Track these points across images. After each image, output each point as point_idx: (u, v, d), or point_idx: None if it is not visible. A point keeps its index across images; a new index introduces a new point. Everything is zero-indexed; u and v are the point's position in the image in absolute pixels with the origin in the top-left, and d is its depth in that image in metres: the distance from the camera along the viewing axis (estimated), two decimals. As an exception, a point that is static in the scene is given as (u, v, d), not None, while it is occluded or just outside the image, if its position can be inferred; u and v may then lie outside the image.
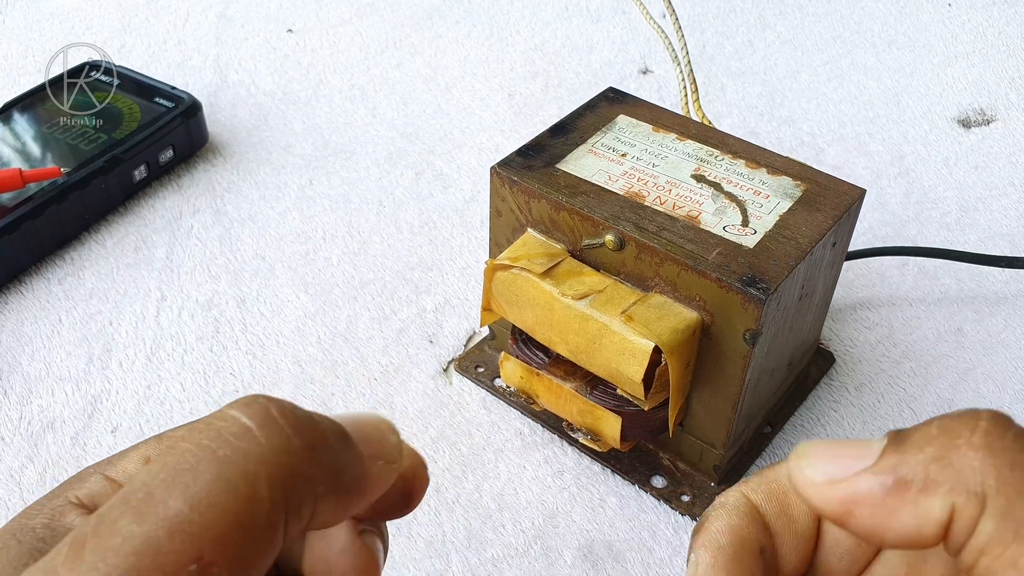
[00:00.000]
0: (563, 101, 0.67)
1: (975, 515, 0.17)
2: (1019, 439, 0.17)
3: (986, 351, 0.50)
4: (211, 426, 0.17)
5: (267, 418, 0.17)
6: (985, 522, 0.17)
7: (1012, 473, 0.17)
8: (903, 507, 0.18)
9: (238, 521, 0.16)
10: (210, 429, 0.17)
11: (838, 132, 0.65)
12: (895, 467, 0.18)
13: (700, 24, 0.76)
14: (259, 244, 0.55)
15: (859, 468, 0.18)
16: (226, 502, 0.16)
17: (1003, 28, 0.76)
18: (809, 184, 0.41)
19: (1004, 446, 0.17)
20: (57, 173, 0.53)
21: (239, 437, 0.17)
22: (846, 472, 0.18)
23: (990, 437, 0.17)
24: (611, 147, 0.42)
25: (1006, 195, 0.60)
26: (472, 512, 0.42)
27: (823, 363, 0.49)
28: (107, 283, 0.52)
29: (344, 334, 0.50)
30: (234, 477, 0.16)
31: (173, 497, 0.16)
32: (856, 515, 0.19)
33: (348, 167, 0.61)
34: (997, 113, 0.67)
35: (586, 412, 0.40)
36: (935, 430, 0.18)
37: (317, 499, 0.18)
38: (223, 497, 0.16)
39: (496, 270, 0.40)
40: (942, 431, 0.18)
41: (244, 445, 0.17)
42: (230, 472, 0.16)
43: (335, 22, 0.75)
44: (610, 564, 0.40)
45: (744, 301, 0.36)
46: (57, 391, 0.46)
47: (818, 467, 0.19)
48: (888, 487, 0.18)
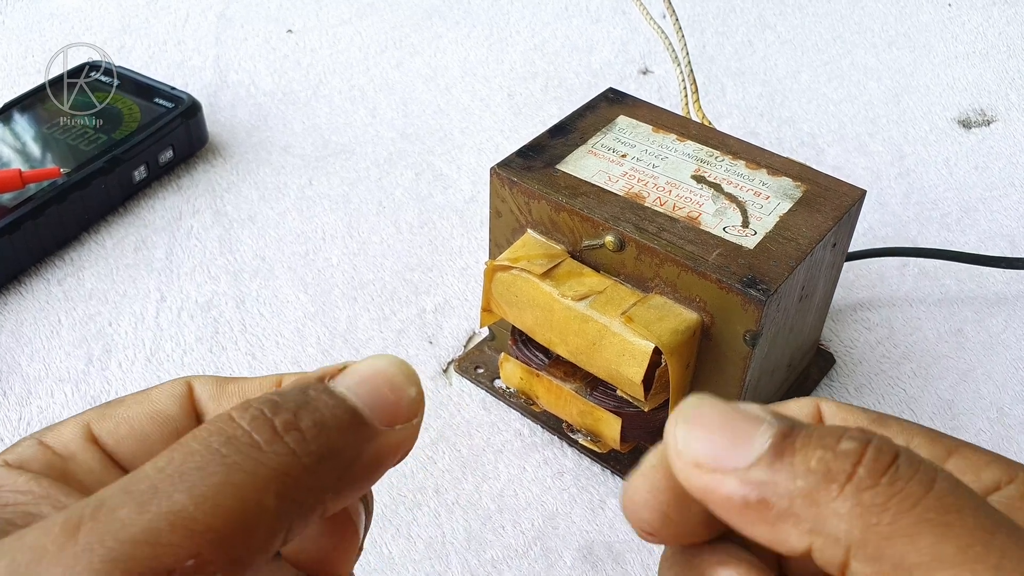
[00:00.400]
0: (563, 101, 0.67)
1: (840, 557, 0.17)
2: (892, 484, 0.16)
3: (986, 352, 0.50)
4: (221, 430, 0.17)
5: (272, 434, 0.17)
6: (857, 565, 0.16)
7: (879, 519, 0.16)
8: (759, 523, 0.17)
9: (242, 527, 0.16)
10: (220, 433, 0.17)
11: (838, 132, 0.65)
12: (763, 484, 0.17)
13: (700, 24, 0.76)
14: (259, 245, 0.55)
15: (729, 464, 0.18)
16: (232, 507, 0.16)
17: (1003, 28, 0.76)
18: (809, 185, 0.40)
19: (874, 493, 0.16)
20: (57, 173, 0.53)
21: (248, 447, 0.17)
22: (715, 462, 0.18)
23: (861, 485, 0.17)
24: (611, 148, 0.42)
25: (1006, 195, 0.60)
26: (472, 513, 0.42)
27: (823, 364, 0.49)
28: (107, 284, 0.52)
29: (344, 335, 0.50)
30: (243, 485, 0.16)
31: (179, 492, 0.16)
32: (712, 505, 0.18)
33: (348, 167, 0.61)
34: (997, 113, 0.67)
35: (586, 413, 0.40)
36: (814, 462, 0.17)
37: (326, 501, 0.18)
38: (229, 502, 0.16)
39: (496, 271, 0.40)
40: (820, 466, 0.17)
41: (254, 455, 0.17)
42: (239, 479, 0.16)
43: (335, 22, 0.75)
44: (610, 565, 0.40)
45: (744, 302, 0.36)
46: (56, 392, 0.46)
47: (692, 442, 0.18)
48: (750, 502, 0.17)
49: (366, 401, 0.19)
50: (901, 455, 0.17)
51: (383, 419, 0.19)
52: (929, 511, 0.16)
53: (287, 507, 0.17)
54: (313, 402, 0.18)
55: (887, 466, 0.17)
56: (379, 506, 0.42)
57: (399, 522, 0.41)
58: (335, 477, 0.18)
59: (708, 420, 0.18)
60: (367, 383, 0.19)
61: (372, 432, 0.18)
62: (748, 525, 0.18)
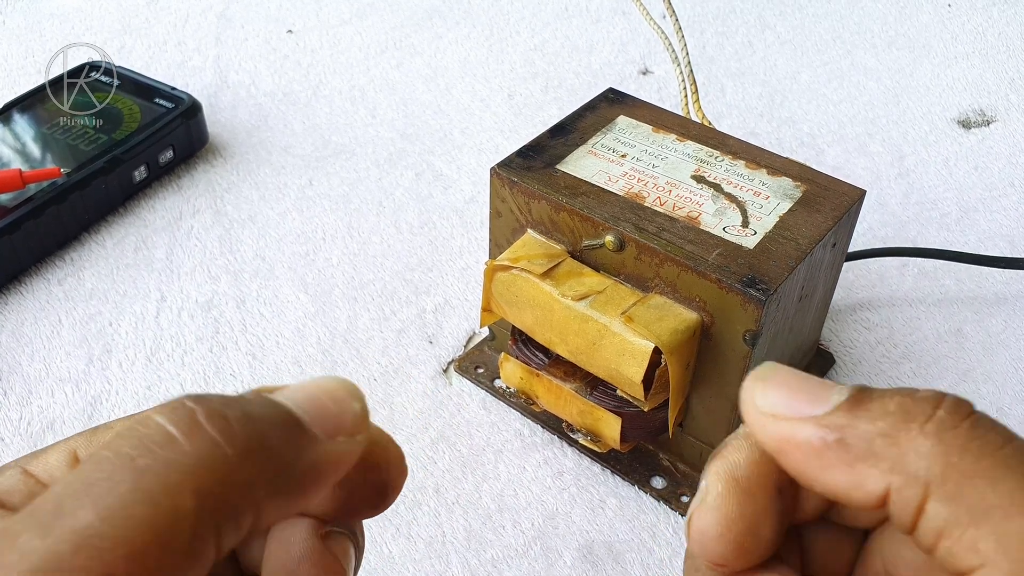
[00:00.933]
0: (563, 102, 0.67)
1: (917, 498, 0.17)
2: (973, 428, 0.17)
3: (986, 352, 0.50)
4: (133, 432, 0.16)
5: (193, 423, 0.16)
6: (935, 506, 0.17)
7: (960, 459, 0.16)
8: (837, 467, 0.18)
9: (156, 536, 0.15)
10: (132, 436, 0.16)
11: (838, 133, 0.65)
12: (842, 427, 0.17)
13: (700, 24, 0.76)
14: (259, 245, 0.55)
15: (808, 413, 0.18)
16: (143, 515, 0.15)
17: (1003, 29, 0.76)
18: (809, 185, 0.40)
19: (956, 434, 0.17)
20: (57, 174, 0.53)
21: (162, 445, 0.16)
22: (793, 412, 0.18)
23: (943, 425, 0.17)
24: (611, 148, 0.42)
25: (1006, 196, 0.60)
26: (472, 513, 0.42)
27: (823, 364, 0.49)
28: (107, 284, 0.52)
29: (344, 335, 0.50)
30: (153, 488, 0.15)
31: (83, 509, 0.15)
32: (789, 456, 0.18)
33: (348, 167, 0.61)
34: (997, 114, 0.67)
35: (586, 413, 0.40)
36: (893, 406, 0.17)
37: (260, 503, 0.16)
38: (139, 509, 0.15)
39: (496, 271, 0.40)
40: (899, 409, 0.17)
41: (166, 454, 0.15)
42: (149, 483, 0.15)
43: (335, 22, 0.75)
44: (610, 565, 0.40)
45: (744, 302, 0.36)
46: (57, 392, 0.46)
47: (769, 396, 0.18)
48: (828, 443, 0.17)
49: (305, 408, 0.18)
50: (976, 410, 0.17)
51: (324, 429, 0.18)
52: (1011, 457, 0.16)
53: (210, 506, 0.15)
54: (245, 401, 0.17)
55: (967, 413, 0.17)
56: (379, 506, 0.42)
57: (399, 522, 0.41)
58: (268, 477, 0.16)
59: (785, 378, 0.19)
60: (306, 392, 0.18)
61: (310, 438, 0.17)
62: (825, 470, 0.18)
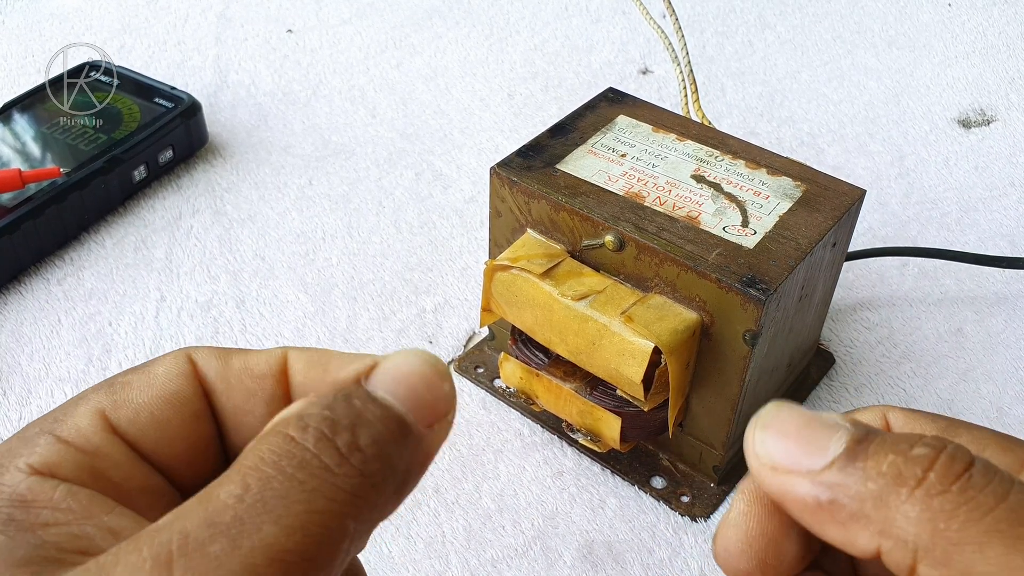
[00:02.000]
0: (563, 101, 0.67)
1: (908, 560, 0.17)
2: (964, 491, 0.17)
3: (986, 351, 0.50)
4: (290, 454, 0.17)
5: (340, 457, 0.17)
6: (925, 570, 0.17)
7: (948, 526, 0.16)
8: (831, 523, 0.18)
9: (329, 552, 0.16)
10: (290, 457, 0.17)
11: (838, 132, 0.65)
12: (835, 486, 0.18)
13: (700, 24, 0.76)
14: (259, 244, 0.55)
15: (805, 466, 0.18)
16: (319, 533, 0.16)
17: (1003, 28, 0.76)
18: (809, 185, 0.40)
19: (944, 500, 0.17)
20: (57, 173, 0.53)
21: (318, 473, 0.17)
22: (791, 463, 0.18)
23: (931, 491, 0.17)
24: (611, 147, 0.42)
25: (1006, 195, 0.60)
26: (472, 513, 0.42)
27: (823, 364, 0.49)
28: (106, 284, 0.52)
29: (344, 335, 0.50)
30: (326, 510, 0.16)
31: (267, 524, 0.16)
32: (788, 507, 0.19)
33: (348, 167, 0.61)
34: (997, 113, 0.67)
35: (586, 413, 0.40)
36: (886, 466, 0.17)
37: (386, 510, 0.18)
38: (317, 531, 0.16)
39: (496, 271, 0.40)
40: (891, 470, 0.17)
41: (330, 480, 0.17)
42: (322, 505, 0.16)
43: (335, 22, 0.75)
44: (610, 565, 0.40)
45: (744, 302, 0.36)
46: (56, 392, 0.46)
47: (768, 445, 0.19)
48: (821, 503, 0.18)
49: (407, 405, 0.19)
50: (976, 464, 0.17)
51: (423, 420, 0.19)
52: (1000, 522, 0.16)
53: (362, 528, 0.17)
54: (364, 415, 0.18)
55: (959, 474, 0.17)
56: (379, 506, 0.42)
57: (399, 522, 0.41)
58: (394, 491, 0.18)
59: (785, 425, 0.19)
60: (404, 383, 0.19)
61: (418, 439, 0.19)
62: (821, 525, 0.18)
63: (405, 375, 0.19)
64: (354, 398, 0.18)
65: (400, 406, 0.19)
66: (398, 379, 0.19)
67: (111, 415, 0.20)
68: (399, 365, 0.19)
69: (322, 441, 0.17)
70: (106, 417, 0.20)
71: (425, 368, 0.19)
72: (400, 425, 0.18)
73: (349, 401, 0.18)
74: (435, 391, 0.19)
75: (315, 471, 0.17)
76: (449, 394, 0.19)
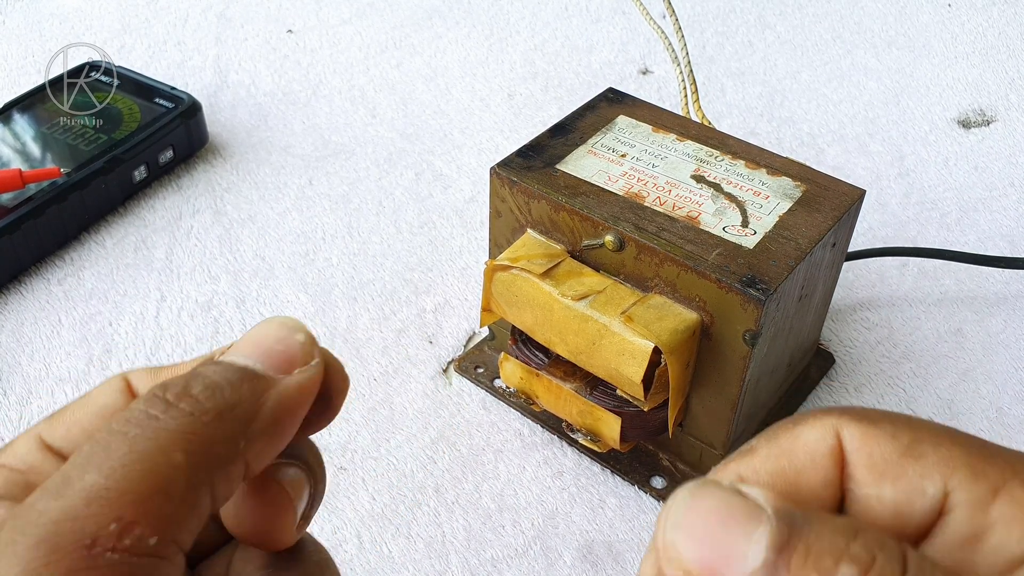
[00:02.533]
0: (563, 101, 0.67)
1: None
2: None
3: (986, 351, 0.50)
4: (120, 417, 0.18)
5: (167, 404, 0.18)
6: None
7: None
8: None
9: (156, 485, 0.17)
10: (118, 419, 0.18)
11: (838, 132, 0.65)
12: None
13: (700, 24, 0.76)
14: (259, 244, 0.55)
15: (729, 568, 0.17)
16: (142, 469, 0.17)
17: (1003, 29, 0.76)
18: (809, 185, 0.40)
19: None
20: (57, 173, 0.53)
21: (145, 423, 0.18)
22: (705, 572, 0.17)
23: None
24: (611, 148, 0.42)
25: (1006, 195, 0.60)
26: (472, 513, 0.42)
27: (823, 363, 0.49)
28: (107, 284, 0.52)
29: (344, 334, 0.50)
30: (147, 449, 0.17)
31: (89, 473, 0.17)
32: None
33: (348, 167, 0.61)
34: (997, 113, 0.67)
35: (586, 413, 0.40)
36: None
37: (244, 450, 0.18)
38: (137, 467, 0.17)
39: (496, 270, 0.40)
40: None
41: (154, 425, 0.18)
42: (142, 446, 0.17)
43: (335, 22, 0.75)
44: (610, 565, 0.40)
45: (744, 302, 0.36)
46: (57, 392, 0.46)
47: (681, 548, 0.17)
48: None
49: (255, 357, 0.19)
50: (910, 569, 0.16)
51: (277, 368, 0.19)
52: None
53: (199, 461, 0.18)
54: (201, 372, 0.19)
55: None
56: (379, 505, 0.42)
57: (399, 521, 0.41)
58: (241, 427, 0.18)
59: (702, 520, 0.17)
60: (251, 344, 0.20)
61: (268, 381, 0.19)
62: None
63: (254, 337, 0.20)
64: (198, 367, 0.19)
65: (244, 360, 0.19)
66: (246, 341, 0.20)
67: (45, 435, 0.21)
68: (251, 332, 0.20)
69: (152, 399, 0.18)
70: (41, 438, 0.21)
71: (273, 326, 0.20)
72: (241, 371, 0.19)
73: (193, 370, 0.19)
74: (285, 342, 0.20)
75: (140, 421, 0.18)
76: (305, 342, 0.20)
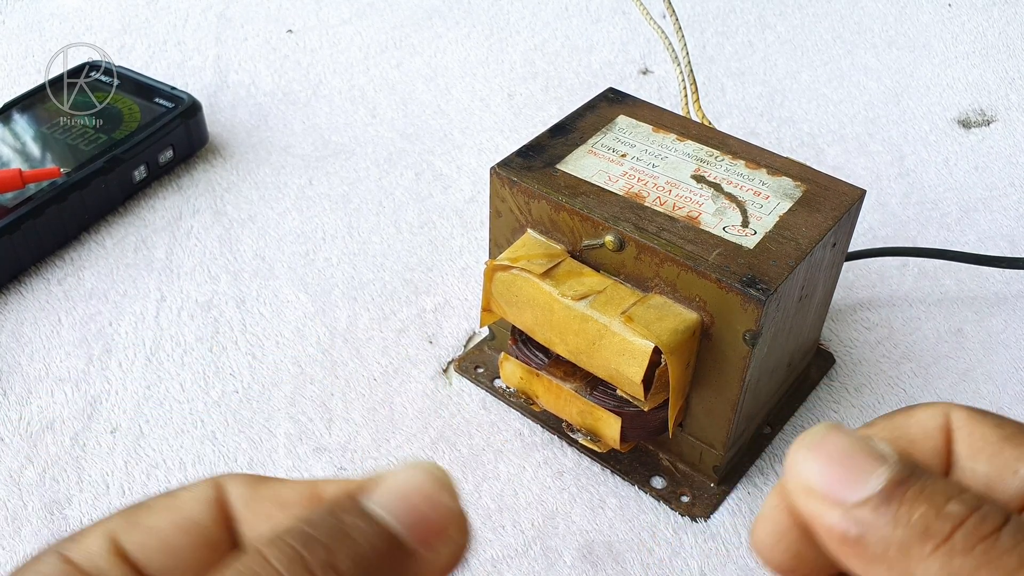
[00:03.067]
0: (563, 101, 0.67)
1: None
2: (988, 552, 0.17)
3: (986, 352, 0.50)
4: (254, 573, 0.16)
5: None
6: None
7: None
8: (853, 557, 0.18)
9: None
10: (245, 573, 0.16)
11: (838, 132, 0.65)
12: (866, 524, 0.18)
13: (700, 24, 0.76)
14: (259, 244, 0.55)
15: (840, 497, 0.18)
16: None
17: (1003, 29, 0.76)
18: (809, 185, 0.40)
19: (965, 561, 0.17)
20: (57, 173, 0.53)
21: None
22: (828, 491, 0.18)
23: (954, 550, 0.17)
24: (611, 148, 0.42)
25: (1006, 195, 0.60)
26: (472, 513, 0.42)
27: (823, 364, 0.49)
28: (107, 283, 0.52)
29: (344, 335, 0.50)
30: None
31: None
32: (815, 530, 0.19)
33: (348, 167, 0.61)
34: (997, 113, 0.67)
35: (586, 413, 0.40)
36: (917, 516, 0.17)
37: None
38: None
39: (496, 271, 0.40)
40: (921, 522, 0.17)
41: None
42: None
43: (335, 22, 0.75)
44: (610, 565, 0.40)
45: (744, 302, 0.36)
46: (56, 391, 0.46)
47: (809, 468, 0.19)
48: (848, 537, 0.18)
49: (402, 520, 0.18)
50: (1010, 523, 0.17)
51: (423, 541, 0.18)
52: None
53: None
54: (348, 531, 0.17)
55: (987, 535, 0.17)
56: (379, 506, 0.42)
57: (399, 522, 0.41)
58: None
59: (830, 450, 0.18)
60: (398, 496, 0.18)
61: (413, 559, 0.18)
62: (843, 557, 0.18)
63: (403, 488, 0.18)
64: (342, 513, 0.17)
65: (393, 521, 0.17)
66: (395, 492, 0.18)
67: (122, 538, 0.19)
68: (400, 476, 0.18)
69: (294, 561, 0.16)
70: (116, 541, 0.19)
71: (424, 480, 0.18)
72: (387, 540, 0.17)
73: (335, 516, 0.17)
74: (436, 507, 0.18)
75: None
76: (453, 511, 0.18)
